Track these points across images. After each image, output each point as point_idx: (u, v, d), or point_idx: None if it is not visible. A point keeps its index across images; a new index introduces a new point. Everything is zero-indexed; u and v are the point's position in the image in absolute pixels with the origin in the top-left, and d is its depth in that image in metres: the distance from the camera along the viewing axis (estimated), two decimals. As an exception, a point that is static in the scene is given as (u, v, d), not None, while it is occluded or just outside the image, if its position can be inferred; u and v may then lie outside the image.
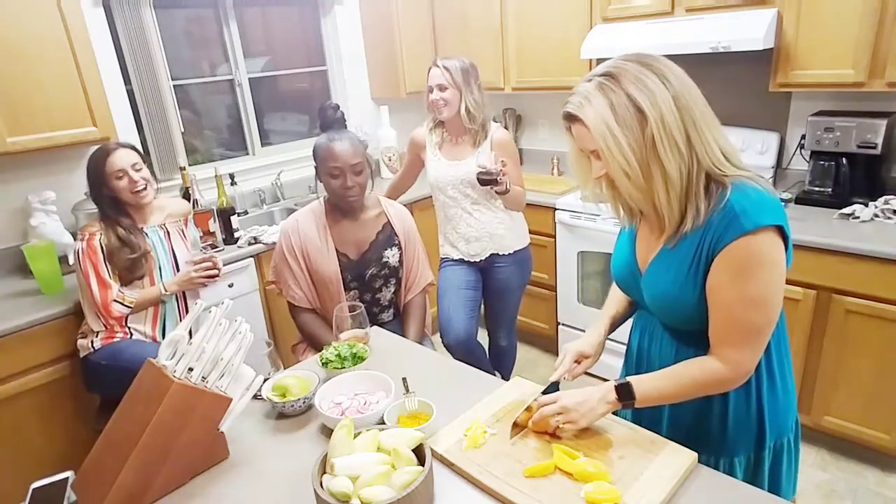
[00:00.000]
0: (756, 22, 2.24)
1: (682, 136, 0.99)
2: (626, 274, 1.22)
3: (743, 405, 1.13)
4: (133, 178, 1.94)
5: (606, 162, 1.03)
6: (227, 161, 3.22)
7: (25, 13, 2.10)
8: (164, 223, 2.11)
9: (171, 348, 1.21)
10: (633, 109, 0.99)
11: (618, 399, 1.11)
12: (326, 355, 1.47)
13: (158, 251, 2.06)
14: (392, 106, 3.65)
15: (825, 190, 2.39)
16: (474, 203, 2.27)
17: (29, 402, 2.06)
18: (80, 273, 1.93)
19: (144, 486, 1.10)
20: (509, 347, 2.61)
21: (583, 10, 2.83)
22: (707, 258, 1.03)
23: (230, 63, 3.18)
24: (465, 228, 2.31)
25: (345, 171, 1.82)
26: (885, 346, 2.06)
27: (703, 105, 1.02)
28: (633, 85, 0.99)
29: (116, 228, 1.96)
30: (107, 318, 1.93)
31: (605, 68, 1.03)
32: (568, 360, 1.26)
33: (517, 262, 2.37)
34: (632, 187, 1.03)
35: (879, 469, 2.25)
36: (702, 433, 1.17)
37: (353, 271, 1.93)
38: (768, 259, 0.99)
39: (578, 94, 1.04)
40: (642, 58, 1.03)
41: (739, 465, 1.17)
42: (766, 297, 1.01)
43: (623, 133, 0.99)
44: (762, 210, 0.98)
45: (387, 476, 1.00)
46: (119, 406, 1.18)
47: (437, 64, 2.19)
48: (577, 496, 1.01)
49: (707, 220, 1.02)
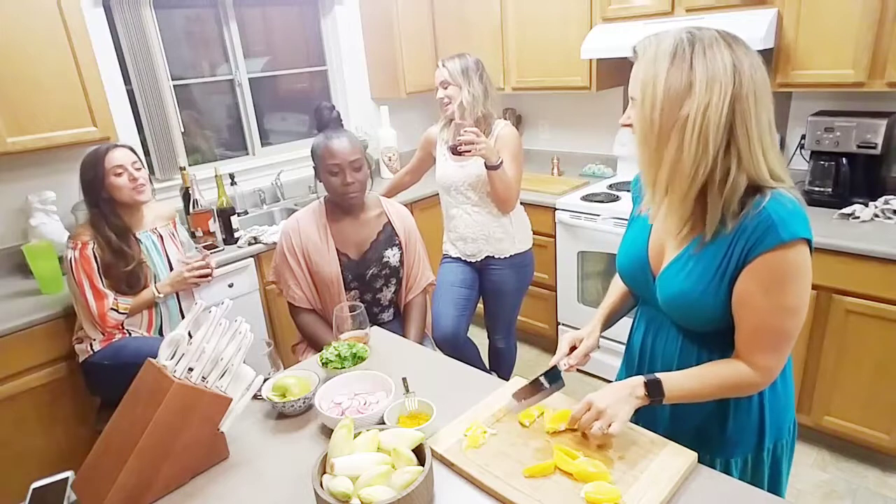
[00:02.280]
0: (756, 22, 2.24)
1: (717, 137, 0.94)
2: (637, 271, 1.20)
3: (745, 406, 1.13)
4: (133, 174, 1.93)
5: (635, 113, 0.99)
6: (227, 161, 3.22)
7: (25, 13, 2.10)
8: (156, 227, 2.09)
9: (171, 348, 1.21)
10: (685, 79, 0.93)
11: (647, 395, 1.09)
12: (326, 355, 1.47)
13: (153, 256, 2.04)
14: (392, 106, 3.65)
15: (825, 190, 2.39)
16: (474, 205, 2.29)
17: (29, 402, 2.06)
18: (73, 283, 1.90)
19: (144, 486, 1.10)
20: (507, 350, 2.60)
21: (583, 10, 2.83)
22: (738, 264, 1.00)
23: (230, 63, 3.18)
24: (464, 229, 2.33)
25: (344, 168, 1.82)
26: (885, 346, 2.06)
27: (764, 113, 0.97)
28: (703, 57, 0.93)
29: (109, 237, 1.92)
30: (104, 327, 1.92)
31: (693, 28, 0.97)
32: (563, 344, 1.26)
33: (513, 267, 2.36)
34: (643, 148, 1.00)
35: (879, 469, 2.25)
36: (701, 434, 1.16)
37: (353, 271, 1.93)
38: (803, 270, 0.98)
39: (654, 35, 0.99)
40: (731, 39, 0.96)
41: (735, 466, 1.17)
42: (799, 306, 1.01)
43: (664, 91, 0.94)
44: (798, 222, 0.96)
45: (387, 476, 1.00)
46: (119, 406, 1.18)
47: (440, 62, 2.24)
48: (577, 496, 1.01)
49: (739, 226, 0.99)
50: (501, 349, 2.59)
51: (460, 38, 3.38)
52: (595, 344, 1.28)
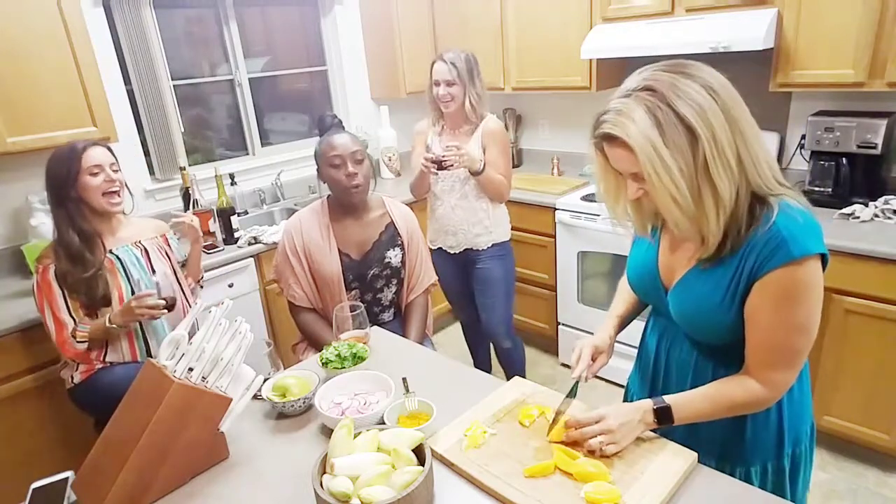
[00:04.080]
0: (756, 22, 2.24)
1: (733, 153, 0.91)
2: (648, 285, 1.18)
3: (762, 414, 1.11)
4: (111, 175, 1.78)
5: (653, 187, 0.93)
6: (227, 161, 3.23)
7: (26, 13, 2.10)
8: (139, 241, 1.93)
9: (171, 348, 1.21)
10: (682, 128, 0.90)
11: (656, 421, 1.09)
12: (326, 355, 1.47)
13: (132, 272, 1.87)
14: (392, 106, 3.65)
15: (825, 190, 2.39)
16: (461, 198, 2.34)
17: (29, 402, 2.06)
18: (37, 308, 1.78)
19: (144, 486, 1.10)
20: (514, 349, 2.59)
21: (583, 10, 2.83)
22: (748, 281, 0.99)
23: (230, 63, 3.18)
24: (446, 221, 2.39)
25: (345, 160, 1.82)
26: (885, 346, 2.06)
27: (748, 115, 0.95)
28: (680, 99, 0.90)
29: (70, 241, 1.73)
30: (66, 355, 1.78)
31: (643, 81, 0.93)
32: (586, 354, 1.21)
33: (495, 259, 2.41)
34: (680, 214, 0.94)
35: (879, 469, 2.25)
36: (720, 443, 1.15)
37: (354, 271, 1.92)
38: (813, 286, 0.97)
39: (615, 111, 0.93)
40: (681, 67, 0.94)
41: (756, 474, 1.15)
42: (809, 324, 0.99)
43: (672, 156, 0.90)
44: (810, 236, 0.94)
45: (387, 476, 1.00)
46: (119, 406, 1.18)
47: (444, 59, 2.22)
48: (577, 496, 1.01)
49: (749, 241, 0.97)
50: (508, 349, 2.57)
51: (460, 38, 3.37)
52: (608, 359, 1.27)
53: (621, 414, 1.10)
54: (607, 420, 1.09)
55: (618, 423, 1.08)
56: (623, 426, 1.08)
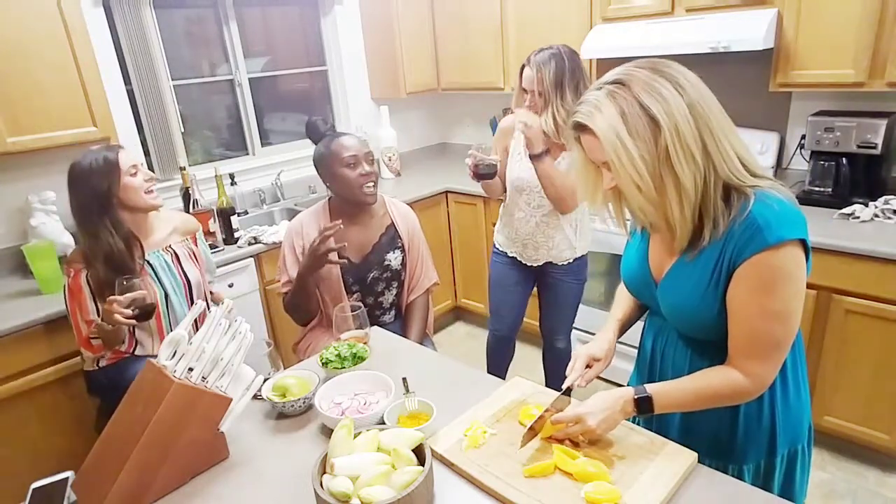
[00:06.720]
0: (756, 22, 2.24)
1: (698, 145, 0.95)
2: (640, 283, 1.20)
3: (755, 413, 1.12)
4: (148, 174, 1.76)
5: (617, 174, 0.99)
6: (227, 161, 3.22)
7: (25, 13, 2.10)
8: (170, 244, 1.88)
9: (171, 348, 1.21)
10: (645, 119, 0.95)
11: (636, 411, 1.10)
12: (326, 355, 1.47)
13: (164, 280, 1.83)
14: (392, 106, 3.65)
15: (825, 190, 2.39)
16: (545, 215, 2.18)
17: (29, 402, 2.06)
18: (67, 310, 1.77)
19: (144, 486, 1.10)
20: (566, 350, 2.50)
21: (583, 10, 2.83)
22: (728, 270, 1.01)
23: (230, 63, 3.18)
24: (528, 236, 2.24)
25: (360, 160, 1.83)
26: (885, 346, 2.06)
27: (719, 112, 0.99)
28: (646, 93, 0.95)
29: (113, 247, 1.67)
30: (90, 353, 1.78)
31: (616, 75, 0.99)
32: (579, 364, 1.22)
33: (572, 272, 2.30)
34: (643, 200, 0.99)
35: (879, 469, 2.25)
36: (713, 441, 1.15)
37: (354, 274, 1.92)
38: (790, 273, 0.97)
39: (587, 102, 1.00)
40: (655, 64, 0.99)
41: (748, 472, 1.15)
42: (787, 311, 1.00)
43: (635, 144, 0.95)
44: (786, 223, 0.95)
45: (387, 476, 1.00)
46: (119, 406, 1.18)
47: (530, 63, 1.97)
48: (577, 496, 1.01)
49: (727, 232, 0.99)
50: (562, 349, 2.50)
51: (460, 38, 3.38)
52: (608, 365, 1.27)
53: (599, 409, 1.11)
54: (585, 421, 1.10)
55: (596, 421, 1.10)
56: (602, 422, 1.10)
